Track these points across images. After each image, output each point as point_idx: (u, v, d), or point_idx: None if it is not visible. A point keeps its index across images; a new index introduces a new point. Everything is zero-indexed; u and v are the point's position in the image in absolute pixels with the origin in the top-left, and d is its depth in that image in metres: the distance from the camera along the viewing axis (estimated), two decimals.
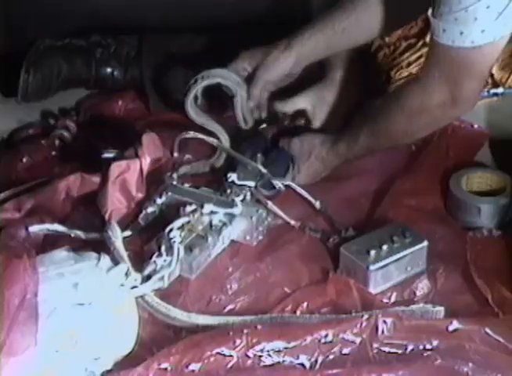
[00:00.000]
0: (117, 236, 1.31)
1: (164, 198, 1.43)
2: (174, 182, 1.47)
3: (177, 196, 1.43)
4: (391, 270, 1.31)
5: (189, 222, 1.35)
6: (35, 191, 1.49)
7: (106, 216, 1.40)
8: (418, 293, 1.31)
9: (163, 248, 1.30)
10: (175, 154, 1.54)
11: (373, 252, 1.30)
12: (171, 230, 1.33)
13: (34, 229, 1.37)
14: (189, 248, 1.32)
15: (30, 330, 1.15)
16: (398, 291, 1.31)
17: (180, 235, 1.32)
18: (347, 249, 1.32)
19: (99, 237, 1.35)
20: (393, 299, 1.30)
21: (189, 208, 1.37)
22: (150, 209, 1.42)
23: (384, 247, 1.31)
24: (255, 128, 1.58)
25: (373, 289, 1.30)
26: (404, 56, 1.75)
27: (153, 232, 1.37)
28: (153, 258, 1.30)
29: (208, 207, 1.37)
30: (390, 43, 1.75)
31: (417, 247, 1.32)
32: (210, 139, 1.54)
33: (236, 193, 1.43)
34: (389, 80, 1.74)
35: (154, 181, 1.49)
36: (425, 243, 1.33)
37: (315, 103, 1.59)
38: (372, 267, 1.29)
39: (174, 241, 1.31)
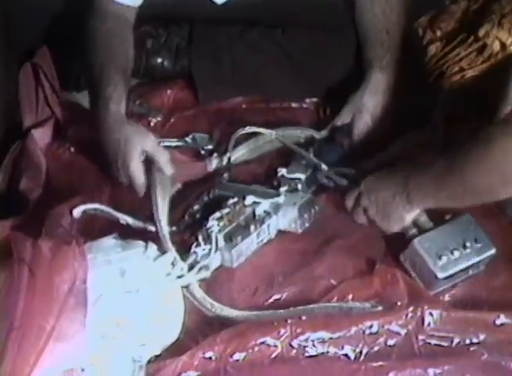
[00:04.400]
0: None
1: (210, 196, 1.44)
2: (223, 181, 1.48)
3: (223, 192, 1.43)
4: (456, 276, 1.29)
5: (229, 213, 1.35)
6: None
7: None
8: (466, 287, 1.30)
9: (200, 238, 1.31)
10: (229, 154, 1.53)
11: (444, 258, 1.27)
12: (208, 221, 1.33)
13: (80, 209, 1.39)
14: (229, 237, 1.32)
15: (79, 316, 1.16)
16: None
17: (218, 225, 1.33)
18: (421, 244, 1.29)
19: (145, 226, 1.36)
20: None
21: (231, 201, 1.37)
22: (196, 207, 1.42)
23: (456, 253, 1.28)
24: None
25: (434, 291, 1.29)
26: (455, 50, 1.73)
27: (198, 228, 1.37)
28: (193, 248, 1.31)
29: (250, 199, 1.37)
30: (442, 37, 1.73)
31: (486, 254, 1.30)
32: (268, 131, 1.55)
33: (284, 185, 1.43)
34: (442, 75, 1.72)
35: (207, 179, 1.51)
36: (493, 250, 1.30)
37: (354, 112, 1.56)
38: (440, 275, 1.27)
39: (212, 231, 1.31)
